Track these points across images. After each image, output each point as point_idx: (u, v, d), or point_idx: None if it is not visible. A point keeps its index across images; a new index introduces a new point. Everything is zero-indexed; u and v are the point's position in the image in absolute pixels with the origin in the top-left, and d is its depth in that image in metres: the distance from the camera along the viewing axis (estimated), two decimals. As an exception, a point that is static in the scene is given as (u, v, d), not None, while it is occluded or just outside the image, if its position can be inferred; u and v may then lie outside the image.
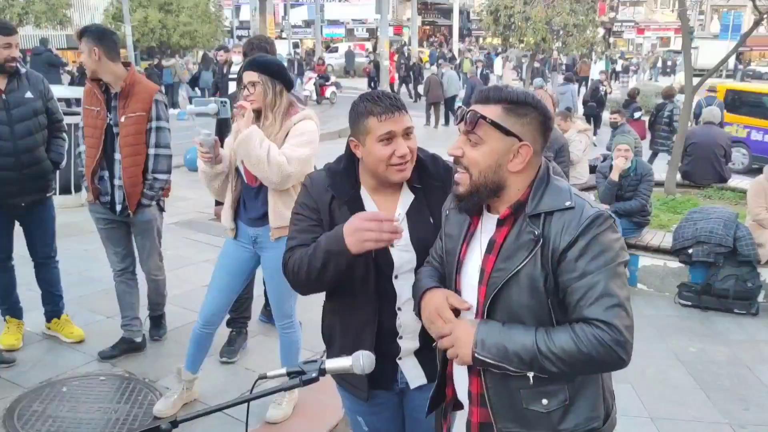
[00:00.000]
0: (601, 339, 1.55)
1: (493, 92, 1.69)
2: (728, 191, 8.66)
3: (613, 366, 1.61)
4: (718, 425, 3.89)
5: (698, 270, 5.85)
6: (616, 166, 6.30)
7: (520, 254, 1.65)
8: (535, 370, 1.63)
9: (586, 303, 1.58)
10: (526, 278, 1.64)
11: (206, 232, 6.95)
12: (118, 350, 4.14)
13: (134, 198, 3.82)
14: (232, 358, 4.13)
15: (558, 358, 1.58)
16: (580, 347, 1.56)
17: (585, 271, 1.59)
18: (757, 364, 4.74)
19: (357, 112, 2.03)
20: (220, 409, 1.55)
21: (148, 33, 28.99)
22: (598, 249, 1.60)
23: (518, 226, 1.68)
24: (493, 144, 1.67)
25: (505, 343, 1.61)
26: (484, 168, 1.68)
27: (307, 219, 2.13)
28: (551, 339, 1.59)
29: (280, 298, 3.39)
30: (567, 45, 21.38)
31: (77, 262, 5.68)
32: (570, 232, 1.61)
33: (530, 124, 1.67)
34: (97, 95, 3.76)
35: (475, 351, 1.64)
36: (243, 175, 3.22)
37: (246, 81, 3.05)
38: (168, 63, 21.02)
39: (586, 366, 1.61)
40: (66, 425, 3.40)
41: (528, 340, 1.60)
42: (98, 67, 3.67)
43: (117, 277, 4.15)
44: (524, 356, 1.60)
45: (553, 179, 1.72)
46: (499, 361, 1.63)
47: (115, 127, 3.75)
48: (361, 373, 1.63)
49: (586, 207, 1.64)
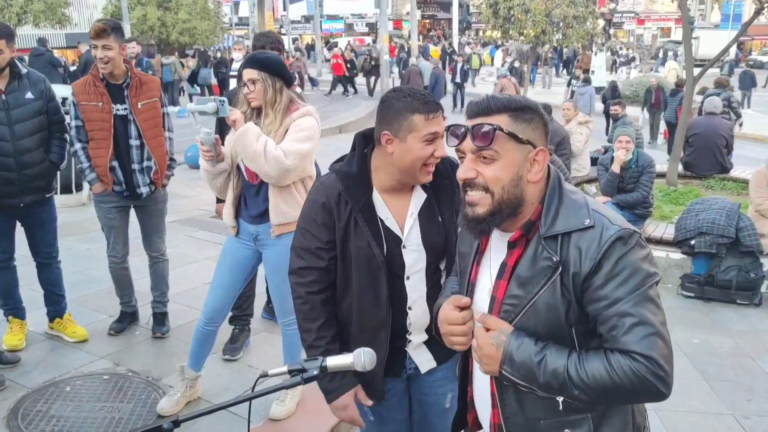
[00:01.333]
0: (638, 372, 1.42)
1: (493, 102, 1.55)
2: (730, 182, 8.64)
3: (651, 399, 1.48)
4: (721, 416, 3.89)
5: (701, 261, 5.84)
6: (617, 158, 6.29)
7: (537, 281, 1.52)
8: (564, 395, 1.52)
9: (619, 333, 1.45)
10: (545, 308, 1.52)
11: (207, 229, 6.95)
12: (125, 323, 4.47)
13: (163, 176, 4.15)
14: (235, 356, 4.14)
15: (590, 388, 1.46)
16: (614, 379, 1.44)
17: (614, 299, 1.45)
18: (760, 354, 4.74)
19: (397, 108, 1.98)
20: (222, 408, 1.55)
21: (147, 31, 28.96)
22: (625, 273, 1.46)
23: (533, 249, 1.55)
24: (510, 156, 1.53)
25: (534, 364, 1.49)
26: (506, 183, 1.53)
27: (315, 239, 2.10)
28: (583, 367, 1.46)
29: (281, 295, 3.38)
30: (567, 37, 21.30)
31: (79, 262, 5.68)
32: (591, 257, 1.47)
33: (538, 128, 1.57)
34: (99, 89, 3.90)
35: (502, 368, 1.53)
36: (244, 172, 3.21)
37: (246, 78, 3.04)
38: (167, 60, 20.96)
39: (620, 398, 1.52)
40: (70, 425, 3.41)
41: (559, 365, 1.48)
42: (120, 62, 3.91)
43: (116, 265, 4.32)
44: (553, 382, 1.48)
45: (567, 192, 1.58)
46: (527, 382, 1.52)
47: (129, 115, 3.95)
48: (363, 370, 1.63)
49: (606, 224, 1.49)
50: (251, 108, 3.10)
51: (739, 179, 8.57)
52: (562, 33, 21.25)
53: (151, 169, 4.08)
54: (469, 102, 1.64)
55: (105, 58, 3.81)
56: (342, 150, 2.25)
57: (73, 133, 4.02)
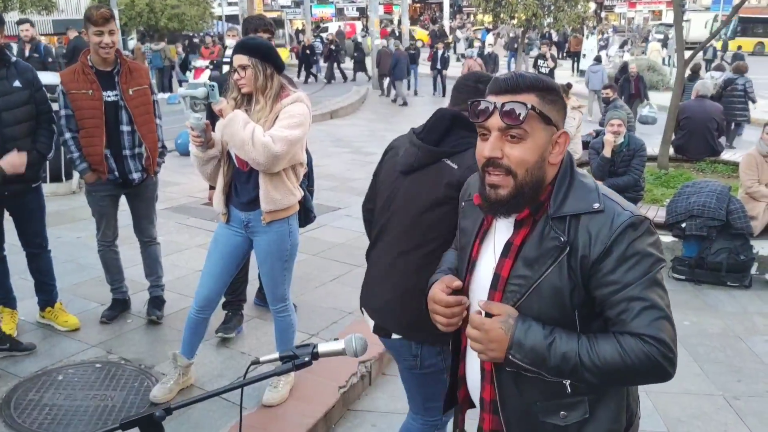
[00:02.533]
0: (650, 355, 1.43)
1: (521, 79, 1.51)
2: (721, 165, 8.69)
3: (658, 379, 1.49)
4: (711, 397, 3.93)
5: (691, 244, 5.87)
6: (608, 141, 6.29)
7: (544, 262, 1.51)
8: (573, 379, 1.51)
9: (629, 317, 1.45)
10: (549, 289, 1.51)
11: (199, 216, 6.92)
12: (117, 311, 4.45)
13: (155, 163, 4.17)
14: (228, 334, 4.15)
15: (601, 371, 1.45)
16: (626, 362, 1.44)
17: (624, 284, 1.46)
18: (749, 335, 4.78)
19: (481, 92, 1.78)
20: (214, 395, 1.55)
21: (135, 17, 28.67)
22: (635, 258, 1.46)
23: (540, 229, 1.53)
24: (537, 137, 1.50)
25: (544, 349, 1.47)
26: (531, 165, 1.51)
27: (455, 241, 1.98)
28: (594, 350, 1.46)
29: (272, 282, 3.38)
30: (558, 20, 21.26)
31: (69, 250, 5.65)
32: (602, 241, 1.46)
33: (561, 110, 1.56)
34: (89, 76, 3.90)
35: (509, 353, 1.49)
36: (234, 159, 3.19)
37: (236, 64, 3.01)
38: (157, 47, 20.78)
39: (629, 380, 1.53)
40: (62, 413, 3.40)
41: (570, 349, 1.46)
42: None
43: (106, 247, 4.34)
44: (563, 366, 1.47)
45: (578, 175, 1.57)
46: (535, 367, 1.49)
47: (120, 101, 3.96)
48: (354, 357, 1.63)
49: (617, 210, 1.49)
50: (242, 94, 3.08)
51: (729, 162, 8.61)
52: (553, 16, 21.20)
53: (142, 155, 4.10)
54: (495, 77, 1.59)
55: (111, 44, 3.85)
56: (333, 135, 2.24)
57: (62, 122, 3.99)
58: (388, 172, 2.41)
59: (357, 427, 3.58)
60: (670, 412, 3.74)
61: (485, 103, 1.50)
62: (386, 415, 3.65)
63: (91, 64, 3.91)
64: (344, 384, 3.69)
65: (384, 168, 2.46)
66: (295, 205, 3.31)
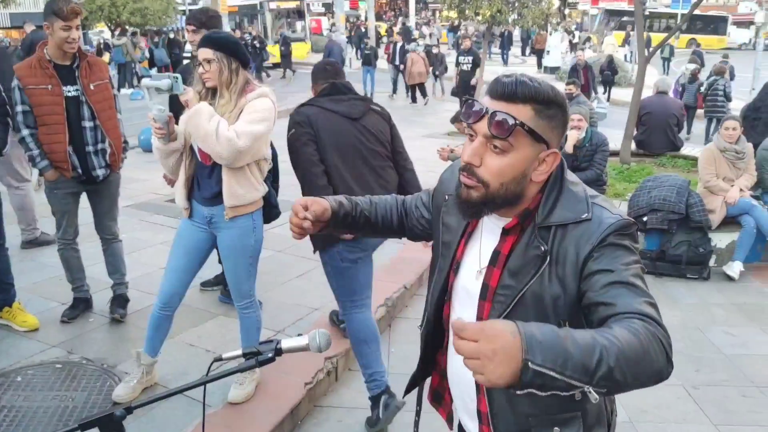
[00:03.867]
0: (654, 332, 1.26)
1: (520, 88, 1.39)
2: (681, 159, 8.87)
3: (660, 373, 1.27)
4: (671, 387, 4.01)
5: (653, 237, 5.99)
6: (570, 136, 6.36)
7: (528, 272, 1.45)
8: (598, 377, 1.15)
9: (620, 300, 1.32)
10: (531, 298, 1.45)
11: (162, 213, 6.82)
12: (78, 310, 4.37)
13: (119, 158, 4.14)
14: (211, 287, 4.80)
15: (626, 358, 1.17)
16: (641, 339, 1.22)
17: (613, 269, 1.36)
18: (708, 326, 4.90)
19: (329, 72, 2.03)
20: (176, 393, 1.53)
21: (96, 11, 28.07)
22: (622, 252, 1.40)
23: (526, 238, 1.47)
24: (522, 152, 1.41)
25: (562, 341, 1.13)
26: (508, 180, 1.43)
27: None
28: (612, 334, 1.20)
29: (237, 278, 3.35)
30: (523, 17, 21.40)
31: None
32: (591, 242, 1.40)
33: (557, 127, 1.44)
34: (48, 71, 3.81)
35: (527, 357, 1.09)
36: (197, 153, 3.15)
37: (201, 58, 2.98)
38: (119, 42, 20.38)
39: (646, 367, 1.23)
40: (21, 415, 3.32)
41: (587, 336, 1.17)
42: None
43: (67, 245, 4.25)
44: (587, 361, 1.14)
45: (568, 183, 1.50)
46: (558, 369, 1.11)
47: (82, 96, 3.89)
48: (318, 352, 1.62)
49: (605, 215, 1.43)
50: (206, 88, 3.04)
51: (689, 157, 8.79)
52: (518, 13, 21.32)
53: (106, 151, 4.03)
54: (497, 78, 1.46)
55: (77, 39, 3.79)
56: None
57: (19, 119, 3.86)
58: (330, 132, 3.18)
59: (323, 422, 3.58)
60: (632, 402, 3.81)
61: (479, 105, 1.43)
62: (352, 411, 3.65)
63: (49, 58, 3.81)
64: (310, 380, 3.68)
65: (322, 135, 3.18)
66: (259, 201, 3.28)
